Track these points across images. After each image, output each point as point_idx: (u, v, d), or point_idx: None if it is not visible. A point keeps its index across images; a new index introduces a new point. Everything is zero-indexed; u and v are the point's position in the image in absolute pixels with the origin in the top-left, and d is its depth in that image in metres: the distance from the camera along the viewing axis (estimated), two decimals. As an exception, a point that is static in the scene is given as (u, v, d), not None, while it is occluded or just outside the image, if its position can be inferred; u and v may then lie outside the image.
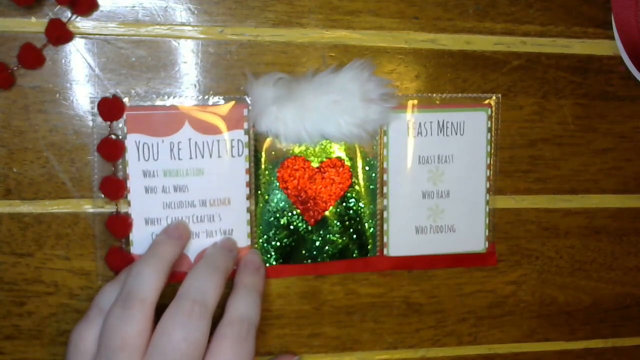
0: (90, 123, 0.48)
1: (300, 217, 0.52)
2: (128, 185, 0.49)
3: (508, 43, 0.53)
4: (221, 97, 0.49)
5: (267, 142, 0.51)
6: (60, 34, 0.46)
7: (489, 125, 0.54)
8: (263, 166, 0.51)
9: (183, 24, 0.49)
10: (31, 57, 0.46)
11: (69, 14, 0.47)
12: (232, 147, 0.50)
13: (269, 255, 0.52)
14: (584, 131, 0.56)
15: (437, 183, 0.53)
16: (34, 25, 0.46)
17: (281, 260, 0.52)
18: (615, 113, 0.56)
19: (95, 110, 0.48)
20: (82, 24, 0.47)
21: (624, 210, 0.58)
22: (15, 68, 0.46)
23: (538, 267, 0.57)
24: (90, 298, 0.50)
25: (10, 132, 0.47)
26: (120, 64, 0.48)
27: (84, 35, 0.47)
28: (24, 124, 0.48)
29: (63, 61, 0.47)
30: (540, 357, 0.59)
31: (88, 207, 0.49)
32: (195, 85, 0.49)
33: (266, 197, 0.51)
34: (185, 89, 0.49)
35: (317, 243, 0.52)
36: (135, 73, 0.48)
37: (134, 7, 0.48)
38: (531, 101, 0.54)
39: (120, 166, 0.49)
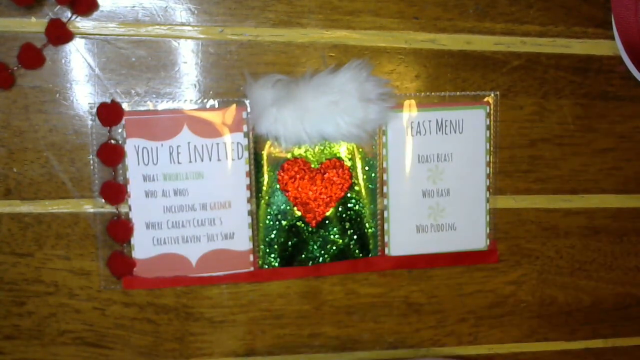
0: (90, 123, 0.48)
1: (302, 219, 0.52)
2: (128, 190, 0.49)
3: (508, 43, 0.53)
4: (220, 100, 0.49)
5: (267, 145, 0.50)
6: (60, 34, 0.46)
7: (488, 123, 0.54)
8: (263, 169, 0.51)
9: (183, 24, 0.48)
10: (31, 57, 0.46)
11: (69, 14, 0.47)
12: (232, 150, 0.50)
13: (271, 258, 0.52)
14: (584, 131, 0.56)
15: (437, 182, 0.53)
16: (34, 25, 0.46)
17: (283, 262, 0.52)
18: (615, 113, 0.56)
19: (95, 110, 0.48)
20: (82, 24, 0.47)
21: (624, 210, 0.58)
22: (15, 68, 0.46)
23: (538, 267, 0.57)
24: (90, 298, 0.50)
25: (10, 132, 0.47)
26: (120, 64, 0.48)
27: (84, 35, 0.47)
28: (24, 124, 0.48)
29: (63, 61, 0.47)
30: (540, 357, 0.59)
31: (88, 207, 0.49)
32: (195, 85, 0.49)
33: (267, 199, 0.51)
34: (185, 89, 0.49)
35: (319, 244, 0.52)
36: (135, 73, 0.48)
37: (134, 7, 0.48)
38: (531, 101, 0.54)
39: (120, 170, 0.49)
